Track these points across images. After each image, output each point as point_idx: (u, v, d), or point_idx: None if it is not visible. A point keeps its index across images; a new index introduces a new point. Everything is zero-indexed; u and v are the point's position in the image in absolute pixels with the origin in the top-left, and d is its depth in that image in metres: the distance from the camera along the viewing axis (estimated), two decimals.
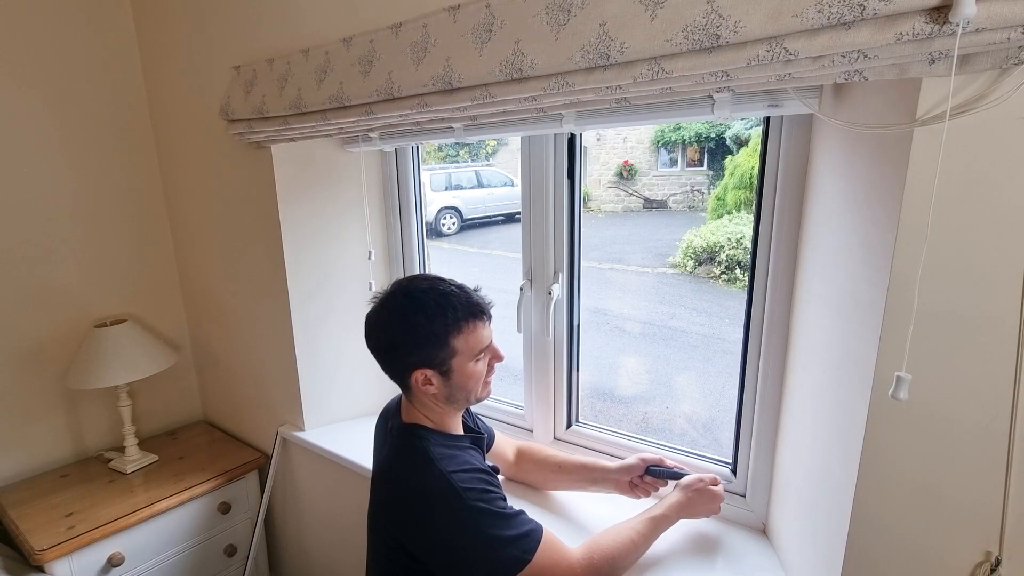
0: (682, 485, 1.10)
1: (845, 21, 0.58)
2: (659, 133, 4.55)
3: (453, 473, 0.91)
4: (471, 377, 0.99)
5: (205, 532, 1.69)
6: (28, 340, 1.66)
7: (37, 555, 1.36)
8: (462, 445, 1.02)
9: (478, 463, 0.98)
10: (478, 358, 0.99)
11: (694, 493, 1.08)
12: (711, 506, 1.08)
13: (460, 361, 0.97)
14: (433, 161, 5.50)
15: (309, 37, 1.28)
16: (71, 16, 1.65)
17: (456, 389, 0.99)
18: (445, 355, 0.96)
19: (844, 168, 0.81)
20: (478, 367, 1.00)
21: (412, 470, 0.96)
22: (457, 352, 0.97)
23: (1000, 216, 0.60)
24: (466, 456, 0.99)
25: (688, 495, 1.08)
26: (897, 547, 0.73)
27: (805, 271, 0.97)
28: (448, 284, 1.00)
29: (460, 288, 1.00)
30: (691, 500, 1.07)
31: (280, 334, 1.60)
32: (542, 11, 0.84)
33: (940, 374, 0.66)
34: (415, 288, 0.99)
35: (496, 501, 0.91)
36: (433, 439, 0.99)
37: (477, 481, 0.92)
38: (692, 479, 1.10)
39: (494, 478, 0.97)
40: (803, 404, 0.97)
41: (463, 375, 0.98)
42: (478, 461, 1.00)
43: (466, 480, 0.91)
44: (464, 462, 0.96)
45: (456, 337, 0.96)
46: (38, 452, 1.72)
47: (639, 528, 1.02)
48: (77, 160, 1.70)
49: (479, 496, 0.90)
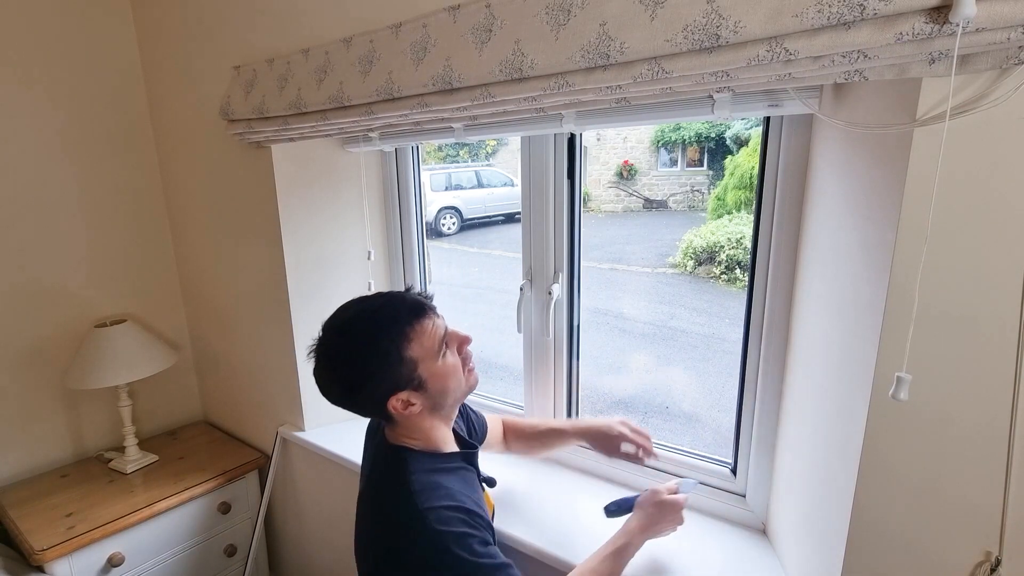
0: (639, 503, 1.04)
1: (845, 21, 0.58)
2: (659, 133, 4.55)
3: (431, 511, 0.86)
4: (448, 375, 0.94)
5: (205, 532, 1.69)
6: (28, 340, 1.66)
7: (37, 555, 1.36)
8: (451, 467, 0.97)
9: (463, 496, 0.91)
10: (442, 353, 0.94)
11: (654, 509, 1.02)
12: (674, 517, 1.03)
13: (427, 367, 0.92)
14: (433, 161, 5.50)
15: (309, 37, 1.28)
16: (71, 16, 1.65)
17: (439, 395, 0.94)
18: (408, 369, 0.91)
19: (844, 168, 0.81)
20: (448, 361, 0.94)
21: (391, 503, 0.91)
22: (418, 360, 0.91)
23: (1000, 216, 0.60)
24: (452, 485, 0.92)
25: (648, 512, 1.02)
26: (897, 547, 0.73)
27: (805, 271, 0.97)
28: (373, 300, 0.96)
29: (387, 298, 0.95)
30: (652, 517, 1.01)
31: (280, 334, 1.60)
32: (542, 11, 0.84)
33: (940, 374, 0.66)
34: (343, 321, 0.93)
35: (474, 546, 0.85)
36: (417, 465, 0.94)
37: (457, 522, 0.86)
38: (647, 494, 1.05)
39: (478, 516, 0.89)
40: (803, 404, 0.97)
41: (438, 377, 0.93)
42: (465, 490, 0.93)
43: (445, 520, 0.85)
44: (447, 495, 0.89)
45: (407, 347, 0.90)
46: (38, 452, 1.72)
47: (599, 570, 0.95)
48: (77, 160, 1.70)
49: (456, 540, 0.84)
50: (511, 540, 1.15)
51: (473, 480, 1.00)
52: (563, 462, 1.41)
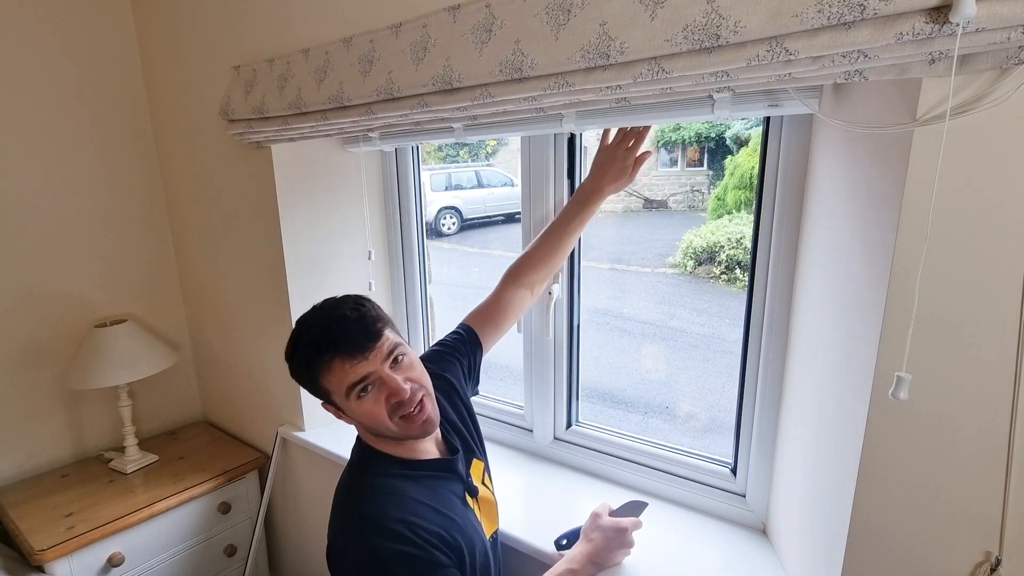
0: (583, 531, 1.00)
1: (845, 21, 0.58)
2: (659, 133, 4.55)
3: (375, 521, 0.82)
4: (365, 415, 0.87)
5: (205, 532, 1.69)
6: (28, 340, 1.66)
7: (37, 555, 1.36)
8: (418, 474, 0.91)
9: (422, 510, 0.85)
10: (356, 396, 0.85)
11: (597, 534, 0.98)
12: (620, 541, 0.99)
13: (339, 400, 0.87)
14: (433, 161, 5.50)
15: (309, 37, 1.28)
16: (71, 16, 1.65)
17: (363, 423, 0.90)
18: (324, 396, 0.89)
19: (844, 168, 0.81)
20: (364, 405, 0.86)
21: (340, 500, 0.89)
22: (331, 392, 0.87)
23: (1000, 216, 0.60)
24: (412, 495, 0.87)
25: (591, 539, 0.98)
26: (897, 546, 0.73)
27: (805, 271, 0.97)
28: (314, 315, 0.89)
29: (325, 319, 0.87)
30: (595, 543, 0.97)
31: (280, 334, 1.60)
32: (542, 11, 0.84)
33: (940, 374, 0.66)
34: (300, 319, 0.91)
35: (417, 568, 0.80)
36: (380, 466, 0.90)
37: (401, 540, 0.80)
38: (588, 521, 1.00)
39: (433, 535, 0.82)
40: (803, 404, 0.97)
41: (355, 413, 0.88)
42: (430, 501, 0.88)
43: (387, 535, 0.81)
44: (400, 506, 0.84)
45: (322, 376, 0.86)
46: (38, 452, 1.72)
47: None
48: (77, 161, 1.70)
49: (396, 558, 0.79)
50: (511, 540, 1.15)
51: (448, 487, 0.94)
52: (563, 462, 1.41)
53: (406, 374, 0.88)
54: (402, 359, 0.89)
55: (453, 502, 0.93)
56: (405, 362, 0.90)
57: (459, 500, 0.95)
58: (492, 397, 1.58)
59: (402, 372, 0.88)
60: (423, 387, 0.90)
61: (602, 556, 0.98)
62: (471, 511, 0.96)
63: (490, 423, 1.54)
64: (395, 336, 0.91)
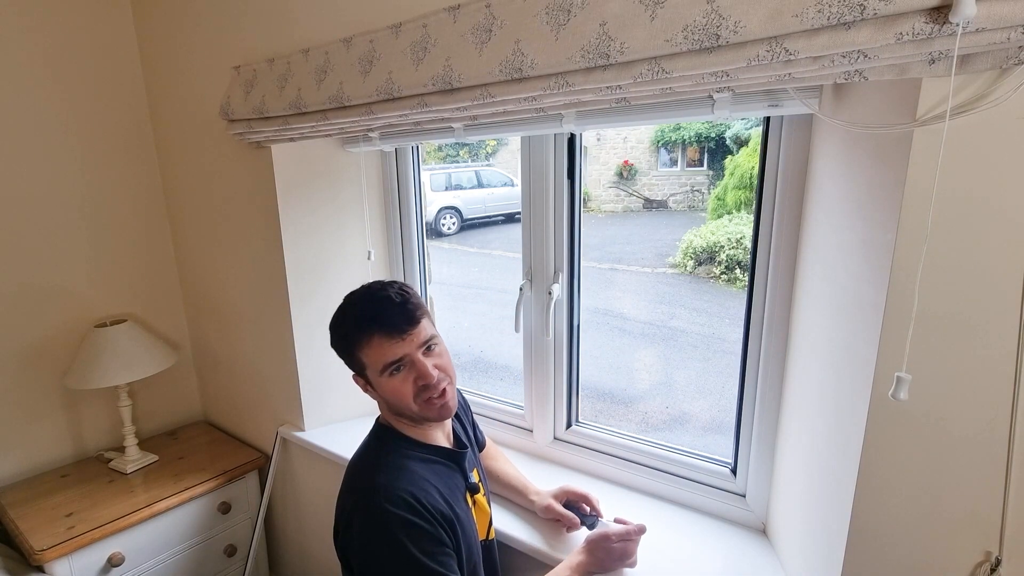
0: (588, 541, 1.02)
1: (845, 21, 0.58)
2: (659, 133, 4.55)
3: (385, 489, 0.86)
4: (392, 393, 0.93)
5: (205, 532, 1.69)
6: (28, 340, 1.66)
7: (37, 555, 1.36)
8: (430, 458, 0.97)
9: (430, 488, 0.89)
10: (388, 373, 0.92)
11: (602, 553, 1.00)
12: (624, 560, 1.01)
13: (372, 375, 0.94)
14: (433, 161, 5.50)
15: (309, 37, 1.28)
16: (71, 16, 1.65)
17: (387, 400, 0.95)
18: (358, 368, 0.96)
19: (844, 168, 0.81)
20: (393, 383, 0.93)
21: (354, 469, 0.95)
22: (365, 365, 0.94)
23: (1000, 216, 0.60)
24: (422, 474, 0.91)
25: (593, 553, 1.00)
26: (897, 546, 0.73)
27: (805, 271, 0.97)
28: (362, 294, 0.97)
29: (376, 298, 0.95)
30: (598, 560, 0.99)
31: (280, 334, 1.60)
32: (542, 11, 0.84)
33: (940, 374, 0.66)
34: (345, 298, 0.99)
35: (423, 542, 0.83)
36: (395, 444, 0.96)
37: (408, 509, 0.84)
38: (597, 536, 1.02)
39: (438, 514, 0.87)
40: (803, 404, 0.97)
41: (383, 389, 0.94)
42: (436, 483, 0.92)
43: (396, 502, 0.84)
44: (410, 480, 0.88)
45: (360, 351, 0.93)
46: (38, 452, 1.72)
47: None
48: (77, 160, 1.70)
49: (403, 526, 0.83)
50: (511, 540, 1.15)
51: (452, 479, 0.98)
52: (562, 462, 1.41)
53: (435, 361, 0.95)
54: (434, 347, 0.97)
55: (457, 497, 0.97)
56: (436, 351, 0.97)
57: (462, 496, 0.99)
58: (492, 397, 1.58)
59: (432, 359, 0.95)
60: (448, 376, 0.97)
61: (602, 569, 1.01)
62: (470, 510, 1.00)
63: (490, 423, 1.54)
64: (431, 327, 0.98)
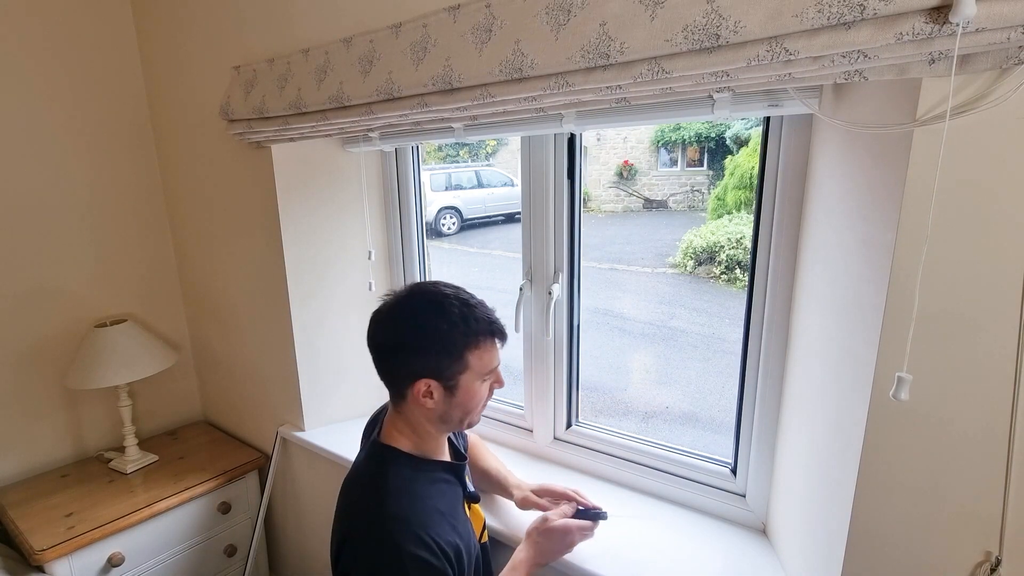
0: (526, 533, 1.02)
1: (845, 21, 0.58)
2: (659, 133, 4.55)
3: (398, 521, 0.85)
4: (474, 397, 0.94)
5: (205, 532, 1.69)
6: (28, 340, 1.66)
7: (37, 555, 1.36)
8: (434, 476, 0.96)
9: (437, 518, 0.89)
10: (485, 379, 0.95)
11: (540, 537, 1.00)
12: (567, 541, 1.02)
13: (468, 378, 0.92)
14: (433, 161, 5.50)
15: (309, 37, 1.28)
16: (71, 17, 1.65)
17: (455, 408, 0.94)
18: (457, 369, 0.91)
19: (844, 168, 0.81)
20: (482, 389, 0.95)
21: (359, 493, 0.92)
22: (469, 368, 0.91)
23: (1000, 216, 0.60)
24: (429, 500, 0.91)
25: (535, 542, 1.00)
26: (897, 546, 0.73)
27: (805, 271, 0.97)
28: (470, 296, 0.96)
29: (481, 303, 0.96)
30: (539, 547, 1.00)
31: (280, 334, 1.60)
32: (542, 11, 0.84)
33: (940, 374, 0.66)
34: (437, 292, 0.93)
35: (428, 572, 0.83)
36: (400, 466, 0.93)
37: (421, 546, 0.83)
38: (536, 522, 1.02)
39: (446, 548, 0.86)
40: (803, 404, 0.97)
41: (467, 394, 0.93)
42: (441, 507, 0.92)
43: (409, 539, 0.83)
44: (423, 511, 0.88)
45: (471, 352, 0.91)
46: (38, 452, 1.72)
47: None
48: (77, 161, 1.70)
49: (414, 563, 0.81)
50: (511, 541, 1.15)
51: (455, 495, 0.99)
52: (562, 462, 1.41)
53: None
54: None
55: (459, 510, 0.97)
56: None
57: (461, 507, 0.99)
58: (492, 397, 1.58)
59: None
60: None
61: (547, 557, 1.01)
62: (468, 520, 1.00)
63: (490, 423, 1.54)
64: None
